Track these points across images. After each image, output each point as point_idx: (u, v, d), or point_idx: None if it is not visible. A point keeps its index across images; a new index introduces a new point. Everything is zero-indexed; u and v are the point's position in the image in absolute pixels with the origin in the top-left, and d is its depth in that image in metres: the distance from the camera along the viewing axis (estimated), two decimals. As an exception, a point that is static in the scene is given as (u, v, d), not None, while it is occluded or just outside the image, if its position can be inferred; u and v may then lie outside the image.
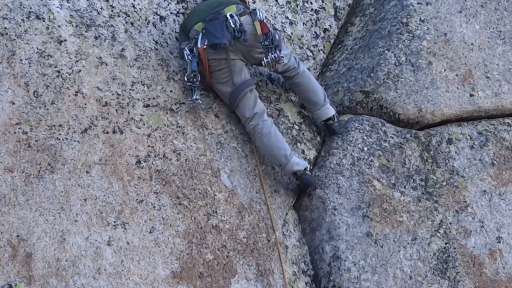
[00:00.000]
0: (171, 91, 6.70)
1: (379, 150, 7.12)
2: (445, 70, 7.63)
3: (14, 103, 6.06)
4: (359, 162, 7.01)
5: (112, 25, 6.75)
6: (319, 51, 7.82)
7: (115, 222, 5.99)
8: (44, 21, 6.44)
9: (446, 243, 6.87)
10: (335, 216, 6.70)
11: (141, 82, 6.61)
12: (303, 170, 6.66)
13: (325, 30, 7.96)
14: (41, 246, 5.72)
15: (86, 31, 6.57)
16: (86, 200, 5.97)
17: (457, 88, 7.61)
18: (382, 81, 7.41)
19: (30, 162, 5.92)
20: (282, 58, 6.63)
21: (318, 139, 7.20)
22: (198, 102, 6.60)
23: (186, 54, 6.62)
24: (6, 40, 6.23)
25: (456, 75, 7.65)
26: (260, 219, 6.53)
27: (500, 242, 7.04)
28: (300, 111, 7.22)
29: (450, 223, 6.97)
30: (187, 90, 6.67)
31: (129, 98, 6.48)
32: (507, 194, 7.27)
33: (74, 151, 6.09)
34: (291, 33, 7.67)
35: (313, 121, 7.23)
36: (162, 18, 7.07)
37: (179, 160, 6.43)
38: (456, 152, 7.35)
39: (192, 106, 6.64)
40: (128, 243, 5.96)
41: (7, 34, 6.25)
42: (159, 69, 6.74)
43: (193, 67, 6.59)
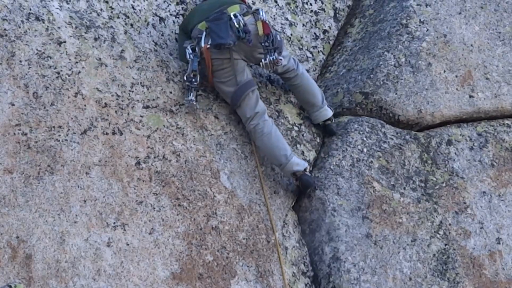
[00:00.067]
0: (171, 92, 6.69)
1: (378, 151, 7.11)
2: (444, 72, 7.62)
3: (13, 104, 6.05)
4: (358, 163, 7.00)
5: (111, 26, 6.74)
6: (318, 52, 7.82)
7: (114, 223, 5.98)
8: (43, 22, 6.43)
9: (446, 244, 6.87)
10: (334, 217, 6.70)
11: (140, 83, 6.60)
12: (303, 171, 6.66)
13: (324, 32, 7.96)
14: (40, 247, 5.71)
15: (86, 33, 6.56)
16: (85, 201, 5.96)
17: (456, 89, 7.60)
18: (382, 82, 7.41)
19: (29, 163, 5.92)
20: (281, 60, 6.60)
21: (318, 140, 7.20)
22: (193, 103, 6.59)
23: (188, 53, 6.61)
24: (5, 42, 6.22)
25: (456, 76, 7.65)
26: (260, 220, 6.53)
27: (499, 243, 7.04)
28: (300, 113, 7.22)
29: (450, 224, 6.97)
30: (185, 89, 6.66)
31: (128, 100, 6.48)
32: (506, 195, 7.27)
33: (74, 152, 6.08)
34: (291, 34, 7.67)
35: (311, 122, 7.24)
36: (162, 20, 7.07)
37: (178, 161, 6.43)
38: (455, 153, 7.34)
39: (187, 106, 6.63)
40: (128, 244, 5.96)
41: (6, 35, 6.25)
42: (158, 70, 6.74)
43: (194, 66, 6.59)
